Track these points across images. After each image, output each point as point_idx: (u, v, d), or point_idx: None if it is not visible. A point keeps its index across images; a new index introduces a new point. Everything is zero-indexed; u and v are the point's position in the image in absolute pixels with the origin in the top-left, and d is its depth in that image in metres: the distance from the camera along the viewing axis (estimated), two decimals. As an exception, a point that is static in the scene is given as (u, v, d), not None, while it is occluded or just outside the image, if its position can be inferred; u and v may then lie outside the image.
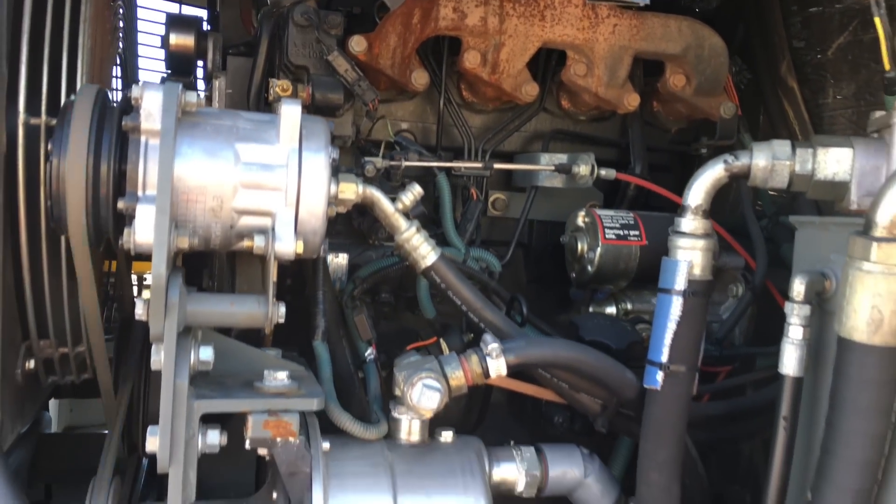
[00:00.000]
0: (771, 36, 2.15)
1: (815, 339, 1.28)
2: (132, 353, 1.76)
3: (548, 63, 1.94)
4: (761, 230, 1.87)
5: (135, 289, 2.53)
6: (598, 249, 1.74)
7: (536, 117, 1.99)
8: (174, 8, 3.23)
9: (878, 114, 1.29)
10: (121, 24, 2.11)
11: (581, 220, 1.80)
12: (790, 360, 1.28)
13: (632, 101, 1.86)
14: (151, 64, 2.91)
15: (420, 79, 1.76)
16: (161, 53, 2.07)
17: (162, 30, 2.02)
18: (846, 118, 2.02)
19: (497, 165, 1.82)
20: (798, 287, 1.26)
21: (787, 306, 1.28)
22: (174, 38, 1.99)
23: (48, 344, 1.50)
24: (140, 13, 2.56)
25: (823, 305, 1.27)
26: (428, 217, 1.79)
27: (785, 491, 1.31)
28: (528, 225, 2.01)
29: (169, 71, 2.07)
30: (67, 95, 1.34)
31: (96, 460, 1.43)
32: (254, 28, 2.09)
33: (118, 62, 2.15)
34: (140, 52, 2.64)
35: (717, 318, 1.85)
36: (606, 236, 1.73)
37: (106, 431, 1.61)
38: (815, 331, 1.28)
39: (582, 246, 1.79)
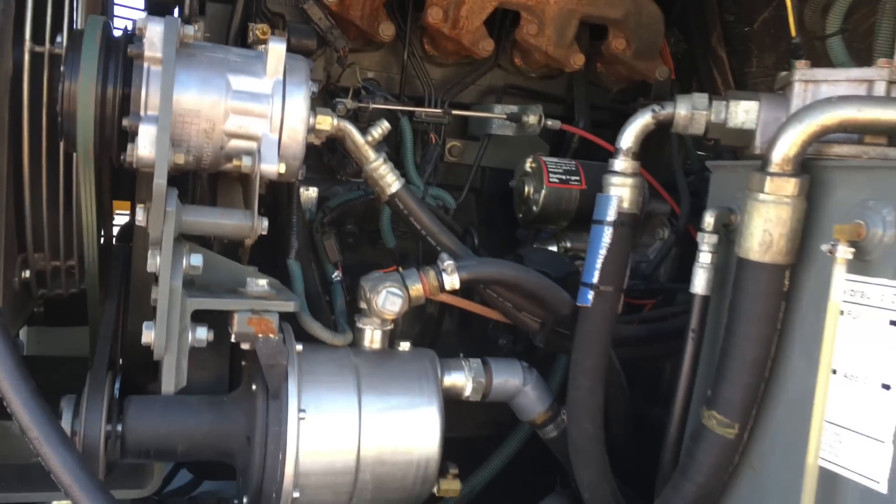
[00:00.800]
0: (705, 10, 2.36)
1: (722, 264, 1.50)
2: (113, 281, 1.91)
3: (503, 22, 2.12)
4: (688, 184, 2.10)
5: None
6: (543, 191, 1.94)
7: (491, 72, 2.17)
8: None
9: (783, 73, 1.52)
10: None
11: (528, 165, 2.01)
12: (699, 281, 1.51)
13: (577, 60, 2.06)
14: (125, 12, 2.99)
15: (387, 30, 1.92)
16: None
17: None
18: (766, 86, 2.26)
19: (455, 112, 2.00)
20: (708, 219, 1.48)
21: (699, 236, 1.50)
22: (154, -17, 2.12)
23: (42, 257, 1.64)
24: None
25: (729, 235, 1.49)
26: (391, 159, 1.97)
27: (692, 391, 1.55)
28: (480, 171, 2.21)
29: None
30: (69, 27, 1.48)
31: (68, 382, 1.57)
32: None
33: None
34: None
35: (644, 258, 2.09)
36: (550, 180, 1.94)
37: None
38: (722, 257, 1.50)
39: (529, 188, 1.99)
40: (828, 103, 1.29)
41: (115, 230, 2.61)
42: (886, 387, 1.19)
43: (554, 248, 2.05)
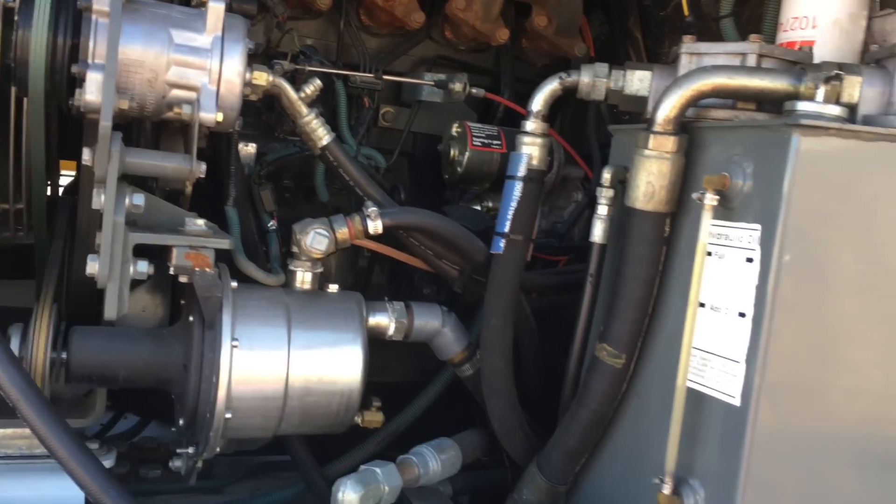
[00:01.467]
0: (625, -5, 2.56)
1: (617, 216, 1.68)
2: (59, 228, 2.01)
3: (435, -4, 2.28)
4: (603, 154, 2.29)
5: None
6: (467, 154, 2.11)
7: (423, 44, 2.32)
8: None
9: (674, 48, 1.70)
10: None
11: (455, 130, 2.17)
12: (597, 231, 1.69)
13: (502, 35, 2.23)
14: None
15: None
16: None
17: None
18: (677, 65, 2.45)
19: (386, 77, 2.15)
20: (606, 175, 1.66)
21: (598, 190, 1.67)
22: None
23: (-9, 200, 1.74)
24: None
25: (624, 191, 1.67)
26: (326, 122, 2.11)
27: (589, 329, 1.73)
28: (412, 137, 2.36)
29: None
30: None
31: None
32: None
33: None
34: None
35: (560, 219, 2.27)
36: (474, 143, 2.11)
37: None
38: (617, 210, 1.68)
39: (454, 151, 2.16)
40: (703, 71, 1.47)
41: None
42: (742, 315, 1.37)
43: (478, 207, 2.22)
